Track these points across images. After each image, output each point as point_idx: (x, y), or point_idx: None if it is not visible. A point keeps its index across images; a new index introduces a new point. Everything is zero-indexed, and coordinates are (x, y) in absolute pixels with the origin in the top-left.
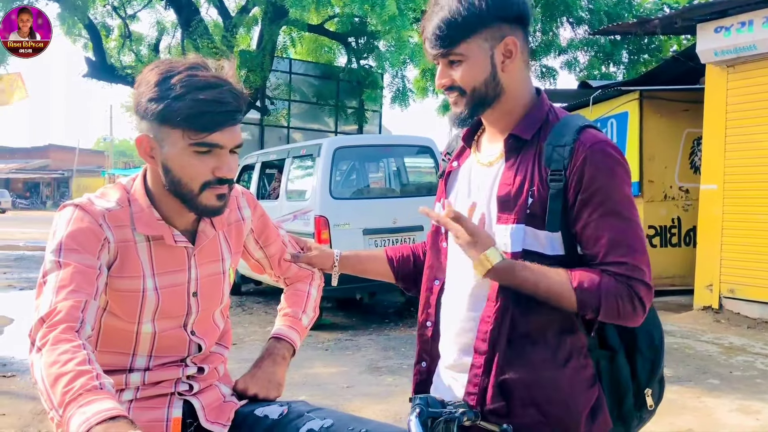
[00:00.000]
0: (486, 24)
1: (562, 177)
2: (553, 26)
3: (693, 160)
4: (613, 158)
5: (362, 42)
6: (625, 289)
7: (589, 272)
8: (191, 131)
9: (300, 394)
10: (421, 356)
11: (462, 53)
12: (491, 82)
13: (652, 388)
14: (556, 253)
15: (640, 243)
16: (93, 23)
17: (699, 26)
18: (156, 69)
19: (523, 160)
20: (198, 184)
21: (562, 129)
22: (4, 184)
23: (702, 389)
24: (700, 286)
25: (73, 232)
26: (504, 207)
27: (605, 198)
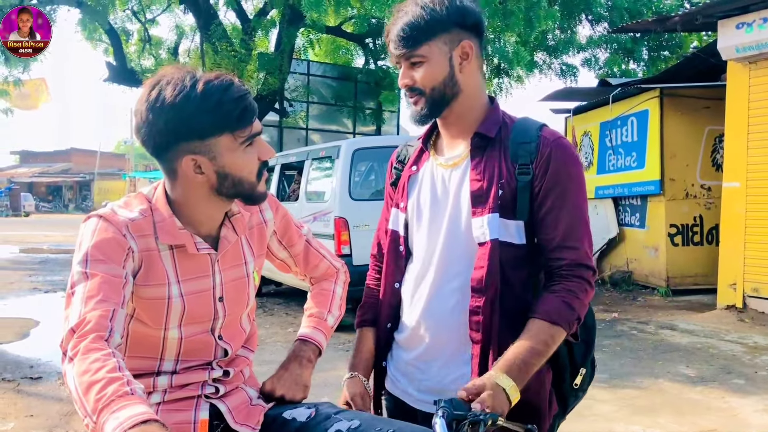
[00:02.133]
0: (445, 28)
1: (529, 170)
2: (572, 24)
3: (715, 158)
4: (572, 153)
5: (379, 43)
6: (576, 284)
7: (545, 302)
8: (239, 130)
9: (322, 395)
10: (382, 356)
11: (423, 54)
12: (449, 81)
13: (586, 368)
14: (521, 242)
15: (587, 229)
16: (113, 28)
17: (720, 23)
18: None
19: (489, 157)
20: (255, 175)
21: (522, 128)
22: (27, 188)
23: (726, 389)
24: (724, 285)
25: (98, 243)
26: (477, 201)
27: (567, 188)
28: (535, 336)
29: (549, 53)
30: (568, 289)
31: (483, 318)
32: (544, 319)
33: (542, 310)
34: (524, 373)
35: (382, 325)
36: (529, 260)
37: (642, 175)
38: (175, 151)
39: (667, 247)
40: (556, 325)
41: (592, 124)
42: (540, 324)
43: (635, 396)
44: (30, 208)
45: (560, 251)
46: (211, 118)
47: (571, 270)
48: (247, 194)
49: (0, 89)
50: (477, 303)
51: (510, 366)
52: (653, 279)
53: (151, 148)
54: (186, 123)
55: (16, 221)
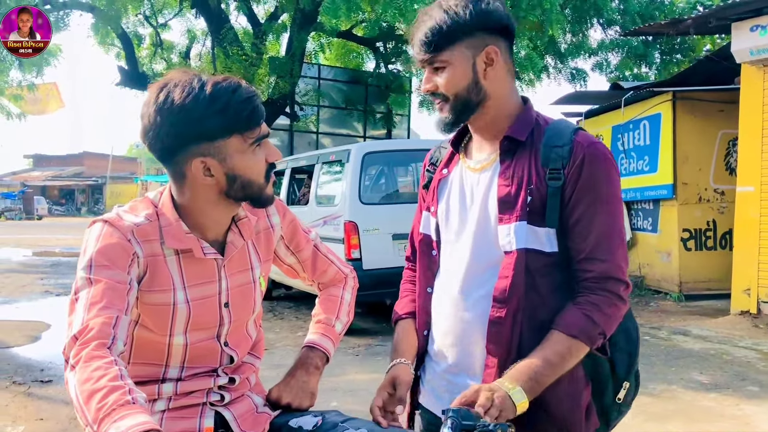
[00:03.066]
0: (469, 33)
1: (560, 175)
2: (583, 28)
3: (728, 162)
4: (607, 159)
5: (390, 46)
6: (602, 297)
7: (566, 314)
8: (248, 132)
9: (331, 401)
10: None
11: (445, 59)
12: (473, 88)
13: (630, 382)
14: (553, 250)
15: (621, 241)
16: (125, 33)
17: (734, 25)
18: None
19: (519, 161)
20: (263, 177)
21: (556, 131)
22: (40, 192)
23: (740, 396)
24: (738, 291)
25: (102, 248)
26: (505, 207)
27: (599, 196)
28: (551, 347)
29: (559, 58)
30: (592, 302)
31: (503, 330)
32: (562, 331)
33: (562, 321)
34: (535, 383)
35: (420, 332)
36: (562, 268)
37: (654, 179)
38: (183, 154)
39: (679, 251)
40: (575, 338)
41: (603, 128)
42: (558, 336)
43: (648, 402)
44: (43, 211)
45: (589, 263)
46: (221, 119)
47: (598, 282)
48: (256, 197)
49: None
50: (498, 314)
51: (519, 374)
52: (666, 284)
53: (158, 152)
54: (195, 125)
55: (29, 224)
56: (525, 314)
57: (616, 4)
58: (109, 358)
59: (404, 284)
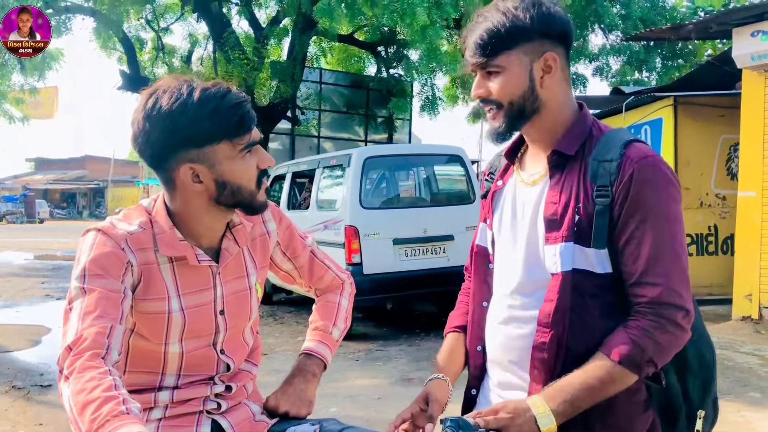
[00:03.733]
0: (528, 38)
1: (608, 192)
2: (584, 33)
3: (730, 167)
4: (661, 174)
5: (392, 51)
6: (654, 323)
7: (613, 337)
8: (237, 138)
9: (331, 406)
10: (472, 383)
11: (500, 65)
12: (529, 96)
13: (706, 410)
14: (605, 271)
15: (678, 264)
16: (127, 37)
17: (735, 30)
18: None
19: (568, 177)
20: (254, 183)
21: (607, 144)
22: (42, 195)
23: (742, 403)
24: (739, 296)
25: (96, 258)
26: (551, 227)
27: (649, 214)
28: (592, 370)
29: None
30: (642, 327)
31: (547, 356)
32: (606, 354)
33: (608, 345)
34: (569, 406)
35: (473, 347)
36: (614, 289)
37: None
38: (172, 161)
39: None
40: (619, 364)
41: None
42: (602, 360)
43: None
44: (44, 214)
45: (640, 287)
46: (209, 125)
47: (651, 308)
48: (247, 203)
49: (16, 97)
50: (543, 339)
51: (555, 395)
52: None
53: (148, 158)
54: (183, 131)
55: (31, 228)
56: (572, 338)
57: (617, 9)
58: (103, 368)
59: (460, 296)
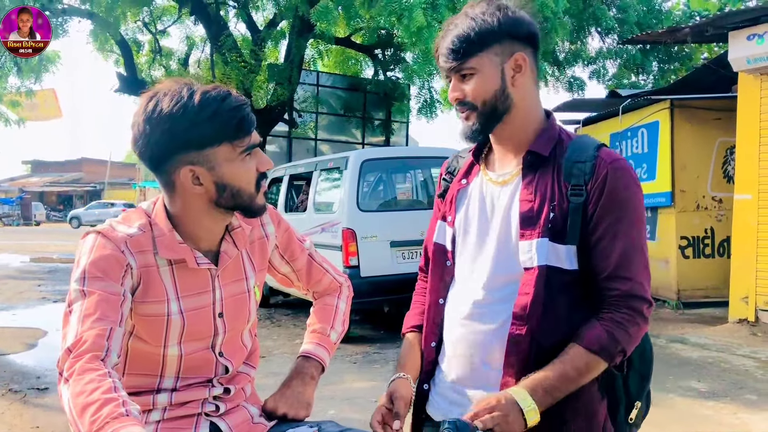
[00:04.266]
0: (497, 39)
1: (582, 191)
2: (581, 36)
3: (726, 170)
4: (631, 176)
5: (389, 54)
6: (626, 315)
7: (588, 329)
8: (238, 140)
9: (328, 409)
10: (423, 378)
11: (474, 67)
12: (501, 95)
13: (641, 401)
14: (573, 267)
15: (644, 259)
16: (124, 39)
17: (731, 34)
18: (165, 99)
19: (542, 177)
20: (253, 186)
21: (579, 146)
22: (38, 197)
23: (739, 405)
24: (735, 298)
25: (95, 260)
26: (527, 223)
27: (622, 214)
28: (570, 361)
29: (558, 66)
30: (616, 320)
31: (522, 347)
32: (583, 345)
33: (584, 336)
34: (549, 396)
35: (427, 343)
36: (580, 285)
37: (652, 187)
38: (172, 163)
39: (677, 259)
40: (595, 354)
41: (601, 136)
42: (578, 350)
43: None
44: (41, 217)
45: (612, 281)
46: (209, 127)
47: (622, 300)
48: (246, 206)
49: (12, 100)
50: (519, 331)
51: (535, 386)
52: (664, 291)
53: (148, 161)
54: (183, 133)
55: (27, 230)
56: (544, 331)
57: (614, 12)
58: (103, 370)
59: (416, 296)
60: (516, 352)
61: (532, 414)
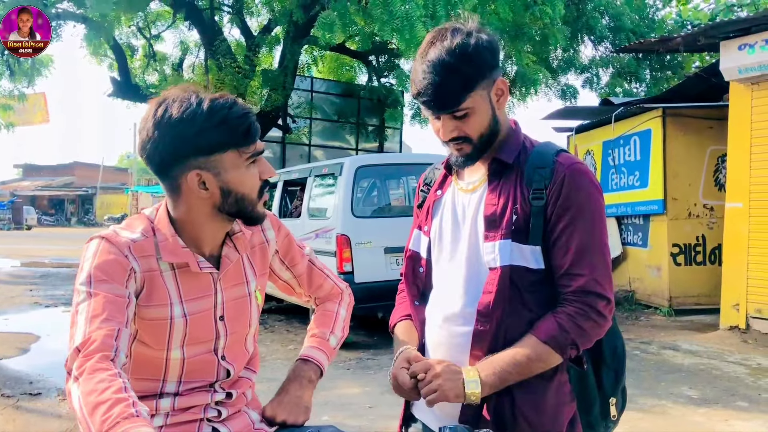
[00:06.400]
0: (485, 74)
1: (543, 195)
2: (575, 44)
3: (717, 178)
4: (588, 178)
5: (383, 60)
6: (578, 309)
7: (542, 321)
8: (244, 147)
9: (322, 415)
10: None
11: (468, 107)
12: (493, 123)
13: (617, 398)
14: (539, 266)
15: (602, 258)
16: (118, 44)
17: (722, 44)
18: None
19: (506, 182)
20: (256, 193)
21: (540, 153)
22: (30, 201)
23: (730, 411)
24: (727, 306)
25: (100, 264)
26: (490, 225)
27: (578, 214)
28: (521, 349)
29: (551, 73)
30: (567, 312)
31: (485, 343)
32: (534, 335)
33: (536, 327)
34: (497, 377)
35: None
36: (550, 284)
37: (645, 195)
38: (180, 168)
39: (669, 266)
40: (546, 344)
41: (594, 143)
42: (530, 339)
43: (638, 418)
44: (32, 221)
45: (567, 278)
46: (217, 133)
47: (576, 296)
48: (248, 213)
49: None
50: (482, 328)
51: (485, 366)
52: (656, 298)
53: (156, 165)
54: (193, 139)
55: (19, 234)
56: (511, 328)
57: (607, 21)
58: (113, 370)
59: (398, 298)
60: (479, 348)
61: (473, 386)
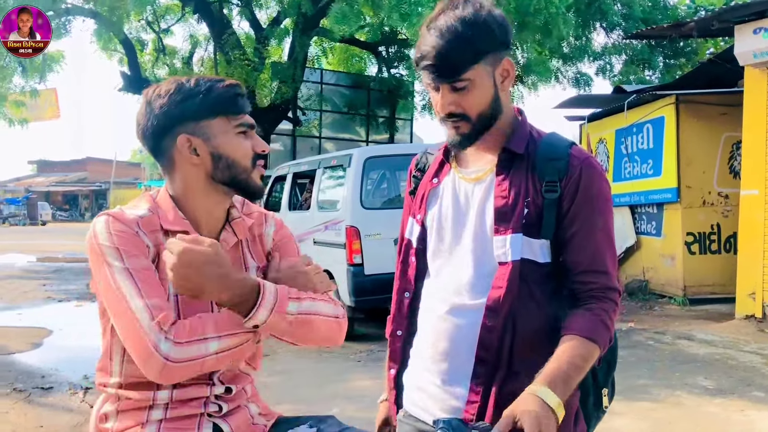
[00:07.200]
0: (492, 48)
1: (557, 188)
2: (587, 32)
3: (732, 165)
4: (601, 173)
5: (392, 51)
6: (609, 305)
7: (581, 319)
8: (231, 115)
9: (332, 407)
10: (390, 364)
11: (470, 78)
12: (494, 103)
13: (608, 388)
14: (546, 260)
15: (614, 252)
16: (128, 38)
17: (737, 28)
18: (164, 85)
19: (516, 174)
20: (249, 160)
21: (551, 144)
22: (44, 197)
23: (746, 402)
24: (742, 295)
25: (123, 240)
26: (501, 218)
27: (596, 210)
28: (575, 351)
29: (564, 61)
30: (603, 308)
31: (494, 338)
32: (581, 335)
33: (579, 327)
34: (567, 387)
35: (393, 331)
36: (553, 277)
37: (658, 183)
38: (171, 138)
39: (684, 255)
40: (593, 342)
41: (607, 132)
42: (578, 340)
43: (652, 408)
44: (47, 217)
45: (589, 275)
46: (204, 99)
47: (603, 292)
48: (242, 181)
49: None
50: (491, 323)
51: (554, 379)
52: (670, 288)
53: (150, 140)
54: (180, 105)
55: (33, 230)
56: (518, 322)
57: (619, 8)
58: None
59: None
60: (488, 344)
61: (561, 410)
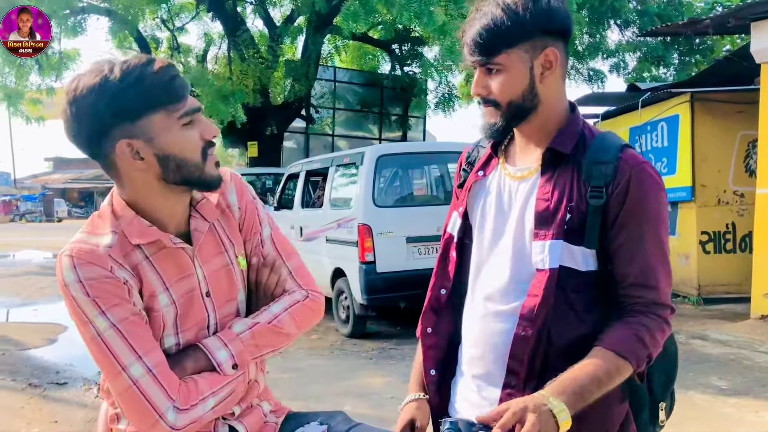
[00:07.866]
0: (529, 35)
1: (602, 194)
2: (601, 29)
3: (748, 164)
4: (656, 181)
5: (406, 49)
6: (653, 321)
7: (615, 332)
8: (171, 106)
9: (344, 405)
10: (429, 365)
11: (501, 63)
12: (528, 93)
13: (666, 402)
14: (589, 269)
15: (667, 266)
16: (143, 36)
17: (753, 25)
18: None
19: (561, 175)
20: (199, 154)
21: (602, 146)
22: (60, 194)
23: (761, 402)
24: (758, 294)
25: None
26: (542, 222)
27: (646, 220)
28: (599, 363)
29: (577, 58)
30: (643, 323)
31: (526, 348)
32: (611, 349)
33: (611, 340)
34: (579, 398)
35: (423, 328)
36: (597, 285)
37: (673, 181)
38: (107, 141)
39: (698, 254)
40: (624, 358)
41: (621, 130)
42: (606, 353)
43: None
44: (63, 213)
45: (636, 289)
46: (135, 93)
47: (649, 308)
48: (196, 178)
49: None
50: (524, 332)
51: (564, 388)
52: (684, 287)
53: (84, 145)
54: (110, 104)
55: (49, 226)
56: (554, 333)
57: (633, 5)
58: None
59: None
60: (520, 354)
61: (564, 415)
